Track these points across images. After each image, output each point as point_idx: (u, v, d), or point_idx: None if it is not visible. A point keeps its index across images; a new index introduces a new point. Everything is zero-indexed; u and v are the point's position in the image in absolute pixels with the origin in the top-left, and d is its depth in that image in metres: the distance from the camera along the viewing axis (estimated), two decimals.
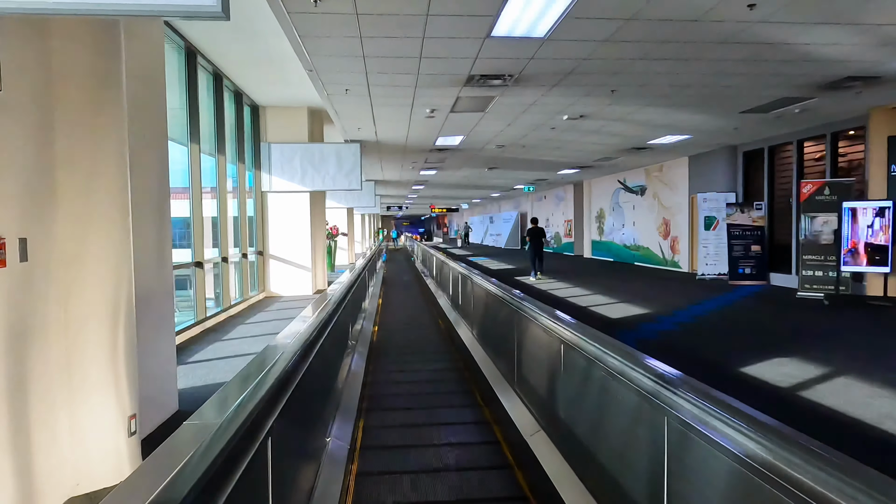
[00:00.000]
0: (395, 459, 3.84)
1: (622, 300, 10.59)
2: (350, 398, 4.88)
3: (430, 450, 4.00)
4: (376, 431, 4.39)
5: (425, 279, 17.03)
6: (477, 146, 13.34)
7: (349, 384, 5.27)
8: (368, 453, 3.92)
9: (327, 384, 4.06)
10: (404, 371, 6.70)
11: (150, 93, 4.24)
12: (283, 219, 11.99)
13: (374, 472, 3.58)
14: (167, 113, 6.74)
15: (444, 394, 5.60)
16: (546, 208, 30.53)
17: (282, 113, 11.74)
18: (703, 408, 1.72)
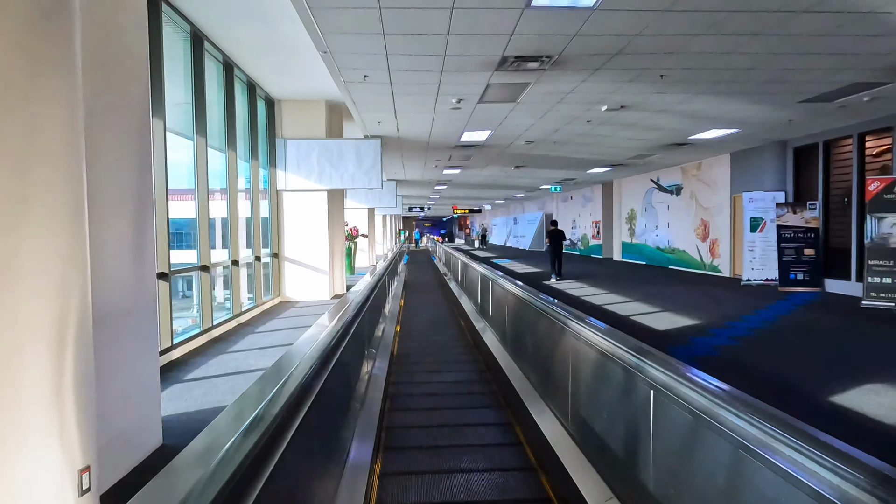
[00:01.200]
0: (419, 488, 3.32)
1: (664, 308, 9.68)
2: (368, 422, 4.16)
3: (458, 477, 3.53)
4: (398, 455, 3.86)
5: (448, 282, 16.26)
6: (504, 142, 12.53)
7: (367, 409, 4.54)
8: (388, 480, 3.38)
9: (343, 405, 3.52)
10: (429, 383, 6.10)
11: (120, 53, 3.51)
12: (299, 219, 11.33)
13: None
14: (163, 97, 6.13)
15: (472, 408, 5.14)
16: (572, 209, 29.54)
17: (298, 107, 11.08)
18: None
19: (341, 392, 3.73)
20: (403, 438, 4.32)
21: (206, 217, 7.47)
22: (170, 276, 6.28)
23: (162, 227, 6.19)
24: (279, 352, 6.40)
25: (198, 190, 7.42)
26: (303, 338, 2.81)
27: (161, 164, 6.17)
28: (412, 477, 3.56)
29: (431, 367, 6.73)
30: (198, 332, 7.25)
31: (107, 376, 3.15)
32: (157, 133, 6.14)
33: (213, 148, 8.04)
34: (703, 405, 1.91)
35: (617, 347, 2.54)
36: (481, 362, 6.83)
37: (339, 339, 3.14)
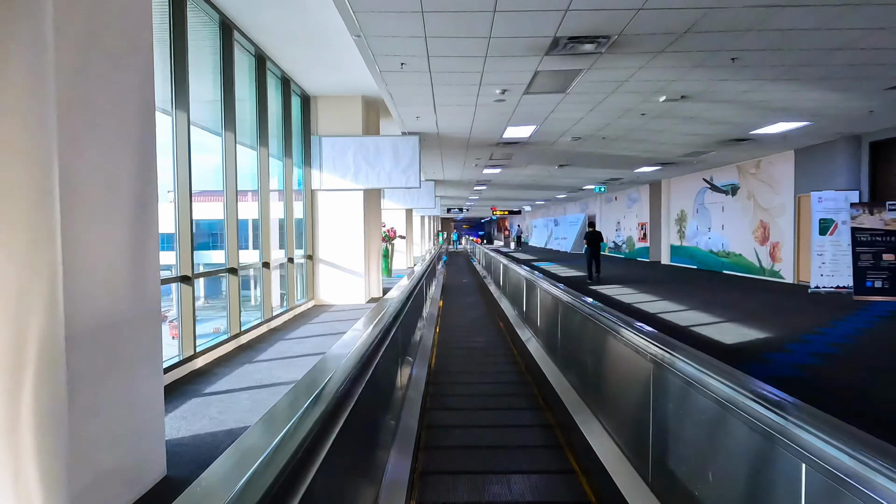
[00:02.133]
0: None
1: (727, 318, 8.81)
2: (404, 441, 3.61)
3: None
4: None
5: (487, 284, 15.63)
6: (549, 139, 11.83)
7: (403, 426, 3.99)
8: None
9: (378, 423, 3.13)
10: (469, 396, 5.55)
11: (115, 23, 3.03)
12: (334, 220, 10.89)
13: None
14: (186, 88, 5.71)
15: (518, 426, 4.59)
16: (617, 210, 28.46)
17: (334, 103, 10.65)
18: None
19: (376, 409, 3.25)
20: (443, 460, 3.80)
21: (234, 216, 7.06)
22: (193, 280, 5.86)
23: (185, 227, 5.79)
24: (308, 362, 5.43)
25: (226, 187, 7.02)
26: (336, 347, 2.53)
27: (185, 161, 5.77)
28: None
29: (471, 378, 6.14)
30: (225, 338, 6.84)
31: (94, 402, 2.66)
32: (181, 127, 5.74)
33: (243, 145, 7.65)
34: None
35: (739, 394, 1.88)
36: (526, 373, 6.19)
37: (374, 349, 2.76)
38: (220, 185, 7.11)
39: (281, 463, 1.21)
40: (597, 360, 4.05)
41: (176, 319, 7.05)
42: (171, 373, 5.41)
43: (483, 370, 6.53)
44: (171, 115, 5.70)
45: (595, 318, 3.94)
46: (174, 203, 5.74)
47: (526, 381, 5.97)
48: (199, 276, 6.06)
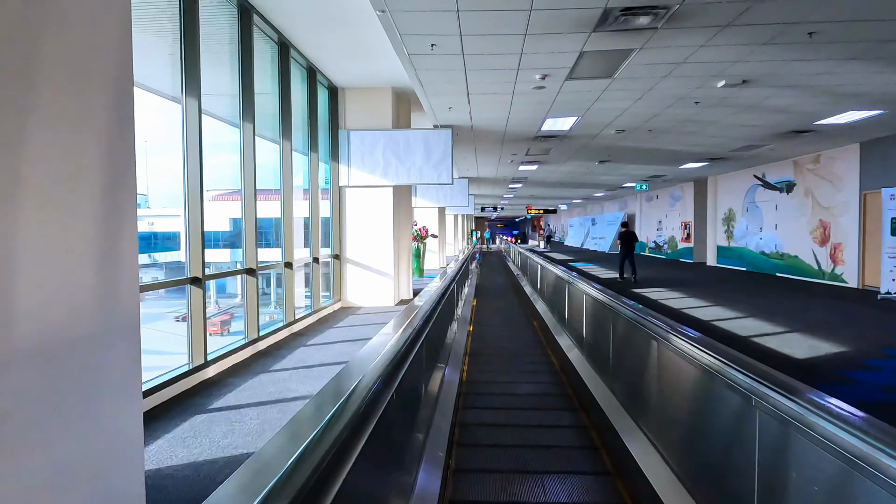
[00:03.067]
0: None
1: (790, 328, 7.94)
2: (433, 460, 3.06)
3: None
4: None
5: (522, 286, 14.96)
6: (591, 131, 11.07)
7: (431, 445, 3.43)
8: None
9: (404, 445, 2.86)
10: (506, 409, 5.01)
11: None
12: (362, 218, 10.39)
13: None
14: (198, 73, 5.15)
15: (558, 447, 3.93)
16: (658, 209, 27.31)
17: (363, 95, 10.14)
18: None
19: (401, 431, 2.83)
20: (475, 486, 3.25)
21: (252, 213, 6.59)
22: (203, 282, 5.40)
23: (195, 226, 5.32)
24: (329, 373, 4.94)
25: (244, 182, 6.55)
26: (360, 356, 2.29)
27: (195, 154, 5.30)
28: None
29: (507, 390, 5.53)
30: (242, 343, 6.38)
31: (44, 437, 2.15)
32: (192, 114, 5.27)
33: (263, 138, 7.19)
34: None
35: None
36: (566, 385, 5.53)
37: (402, 358, 2.48)
38: (240, 181, 6.66)
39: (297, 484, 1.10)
40: (666, 390, 3.37)
41: (216, 315, 6.54)
42: (178, 383, 4.95)
43: (519, 380, 5.90)
44: (182, 102, 5.24)
45: (661, 336, 3.25)
46: (184, 203, 5.28)
47: (565, 392, 5.31)
48: (212, 277, 5.60)
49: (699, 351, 2.63)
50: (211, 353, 5.65)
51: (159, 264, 15.80)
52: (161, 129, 5.20)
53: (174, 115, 5.31)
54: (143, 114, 6.10)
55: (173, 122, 5.34)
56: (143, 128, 4.95)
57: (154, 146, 10.25)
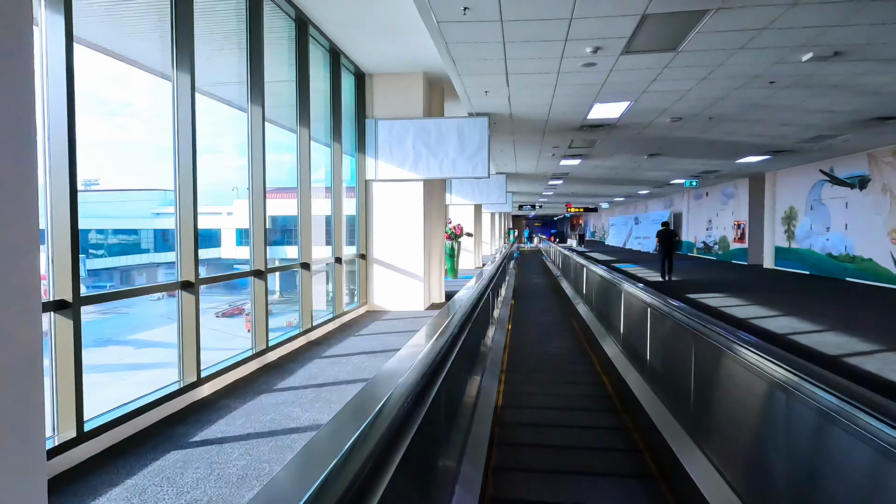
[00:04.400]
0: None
1: (886, 345, 6.74)
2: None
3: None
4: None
5: (564, 287, 13.92)
6: (643, 120, 9.98)
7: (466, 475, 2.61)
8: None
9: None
10: (548, 427, 4.30)
11: None
12: (390, 214, 9.58)
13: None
14: (191, 44, 4.16)
15: (607, 476, 3.19)
16: (708, 208, 25.72)
17: (392, 81, 9.32)
18: None
19: (431, 465, 2.32)
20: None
21: (260, 209, 5.82)
22: (196, 287, 4.64)
23: (188, 227, 4.57)
24: (342, 393, 4.54)
25: (252, 174, 5.79)
26: (384, 374, 1.92)
27: (187, 143, 4.55)
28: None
29: (551, 419, 4.60)
30: (249, 355, 5.62)
31: None
32: (183, 92, 4.52)
33: (275, 124, 6.44)
34: None
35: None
36: (622, 412, 4.56)
37: (430, 378, 2.05)
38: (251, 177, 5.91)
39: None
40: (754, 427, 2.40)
41: (251, 313, 6.14)
42: (164, 405, 4.21)
43: (564, 403, 4.96)
44: (175, 81, 4.49)
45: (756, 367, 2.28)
46: (175, 205, 4.54)
47: (624, 426, 4.34)
48: (207, 281, 4.84)
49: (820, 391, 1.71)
50: (208, 367, 4.90)
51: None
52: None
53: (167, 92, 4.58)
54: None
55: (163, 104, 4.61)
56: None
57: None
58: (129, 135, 54.43)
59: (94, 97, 46.76)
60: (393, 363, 2.07)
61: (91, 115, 46.05)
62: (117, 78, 53.87)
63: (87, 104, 3.98)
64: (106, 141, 36.99)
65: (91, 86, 50.96)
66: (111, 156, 54.06)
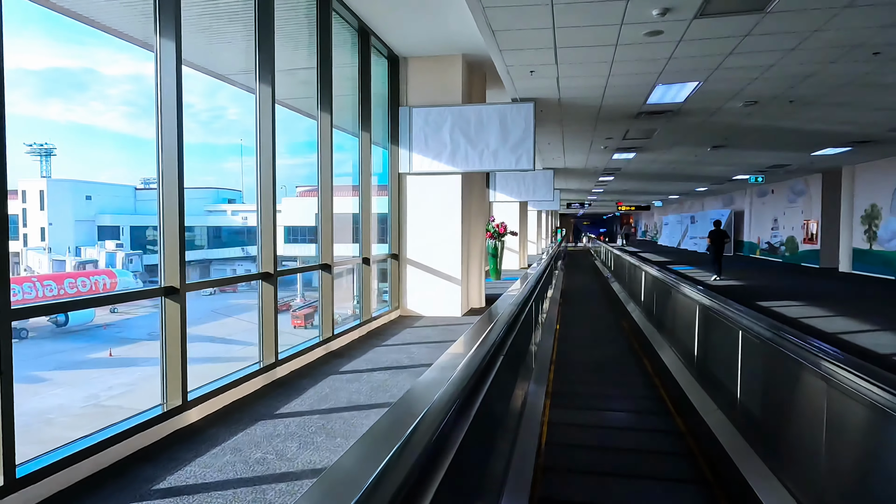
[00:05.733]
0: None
1: None
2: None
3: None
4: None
5: (616, 291, 12.83)
6: (712, 104, 8.81)
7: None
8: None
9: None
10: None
11: None
12: (425, 211, 8.76)
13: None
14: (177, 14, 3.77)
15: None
16: (774, 206, 23.87)
17: (428, 65, 8.51)
18: None
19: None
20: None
21: (271, 206, 5.09)
22: (182, 294, 3.94)
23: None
24: (349, 426, 3.85)
25: (260, 163, 5.07)
26: (412, 395, 1.68)
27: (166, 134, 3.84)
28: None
29: (605, 440, 3.67)
30: (253, 370, 4.91)
31: None
32: (167, 63, 3.81)
33: (287, 107, 5.72)
34: None
35: None
36: (700, 457, 3.58)
37: (465, 402, 1.72)
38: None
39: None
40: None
41: (301, 308, 5.78)
42: (140, 435, 3.51)
43: (629, 422, 4.01)
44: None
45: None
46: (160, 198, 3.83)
47: (702, 476, 3.36)
48: (190, 288, 4.11)
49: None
50: (197, 389, 4.19)
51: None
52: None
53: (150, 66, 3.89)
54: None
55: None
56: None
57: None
58: (189, 135, 54.93)
59: (153, 99, 46.29)
60: (428, 378, 1.85)
61: (153, 116, 45.40)
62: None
63: (150, 107, 3.54)
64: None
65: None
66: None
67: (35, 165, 37.77)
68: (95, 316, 23.21)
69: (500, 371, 2.57)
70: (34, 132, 60.75)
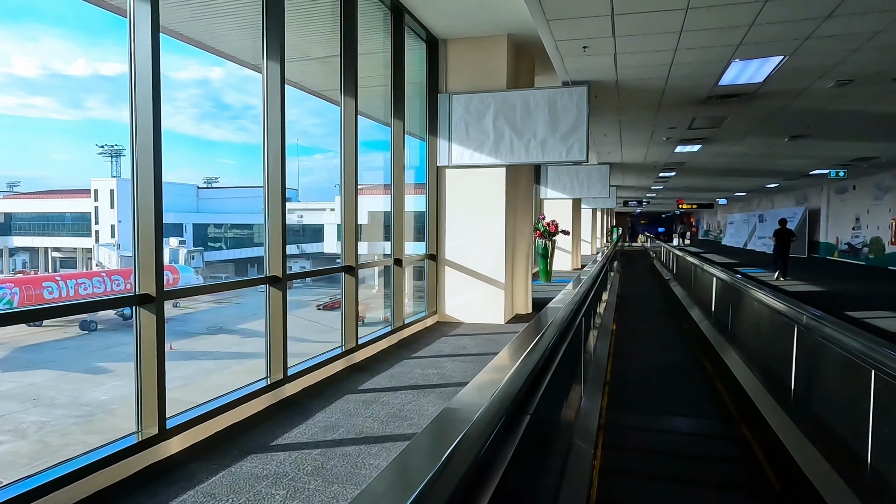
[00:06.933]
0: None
1: None
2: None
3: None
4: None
5: (679, 298, 11.70)
6: (797, 84, 7.64)
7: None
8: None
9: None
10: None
11: None
12: (465, 208, 8.00)
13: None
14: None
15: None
16: (856, 203, 21.79)
17: (469, 48, 7.74)
18: None
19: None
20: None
21: (279, 201, 4.45)
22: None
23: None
24: (361, 464, 3.28)
25: (267, 152, 4.44)
26: (441, 422, 1.51)
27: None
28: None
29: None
30: (259, 387, 4.29)
31: None
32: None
33: (299, 88, 5.08)
34: None
35: None
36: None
37: (504, 430, 1.50)
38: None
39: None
40: None
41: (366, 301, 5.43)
42: (108, 470, 2.93)
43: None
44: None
45: None
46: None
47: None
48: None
49: None
50: (178, 415, 3.59)
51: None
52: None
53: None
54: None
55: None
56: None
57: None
58: (249, 136, 56.67)
59: (217, 102, 47.83)
60: (463, 400, 1.67)
61: (216, 118, 47.01)
62: (239, 84, 56.96)
63: (212, 109, 3.37)
64: (229, 142, 39.54)
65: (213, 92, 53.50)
66: (234, 155, 56.45)
67: (107, 166, 39.52)
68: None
69: (542, 399, 2.17)
70: (110, 134, 63.92)
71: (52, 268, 30.20)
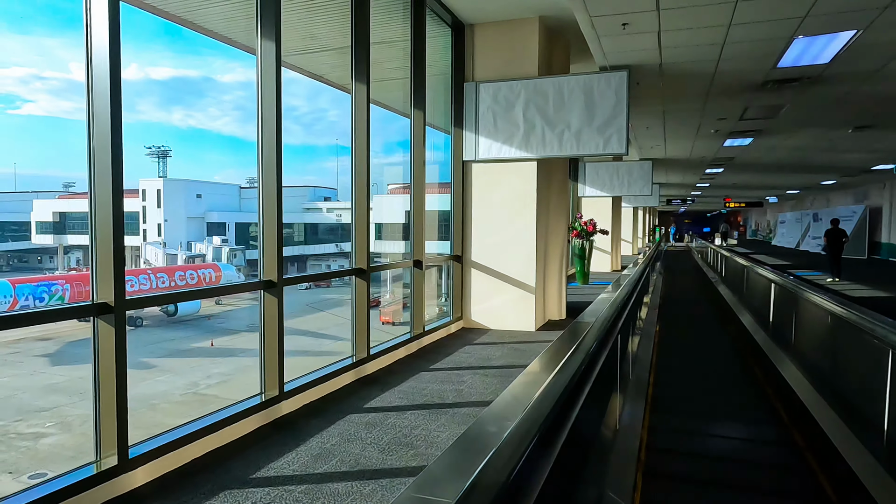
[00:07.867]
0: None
1: None
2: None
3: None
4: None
5: (723, 296, 10.84)
6: (867, 65, 6.76)
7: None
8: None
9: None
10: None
11: None
12: (493, 205, 7.41)
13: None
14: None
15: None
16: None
17: (498, 32, 7.15)
18: None
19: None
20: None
21: (274, 194, 3.97)
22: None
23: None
24: (367, 499, 2.92)
25: (261, 144, 3.97)
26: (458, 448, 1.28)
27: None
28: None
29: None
30: (255, 403, 3.83)
31: None
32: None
33: (303, 72, 4.60)
34: None
35: None
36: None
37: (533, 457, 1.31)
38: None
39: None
40: None
41: (391, 305, 5.20)
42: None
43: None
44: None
45: None
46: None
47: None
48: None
49: None
50: (146, 441, 3.14)
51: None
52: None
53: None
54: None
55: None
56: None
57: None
58: (291, 137, 56.93)
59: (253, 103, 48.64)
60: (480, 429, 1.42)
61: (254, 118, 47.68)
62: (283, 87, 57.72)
63: (252, 110, 3.02)
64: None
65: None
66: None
67: (154, 166, 40.57)
68: (201, 307, 24.31)
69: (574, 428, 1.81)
70: (160, 136, 66.02)
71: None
